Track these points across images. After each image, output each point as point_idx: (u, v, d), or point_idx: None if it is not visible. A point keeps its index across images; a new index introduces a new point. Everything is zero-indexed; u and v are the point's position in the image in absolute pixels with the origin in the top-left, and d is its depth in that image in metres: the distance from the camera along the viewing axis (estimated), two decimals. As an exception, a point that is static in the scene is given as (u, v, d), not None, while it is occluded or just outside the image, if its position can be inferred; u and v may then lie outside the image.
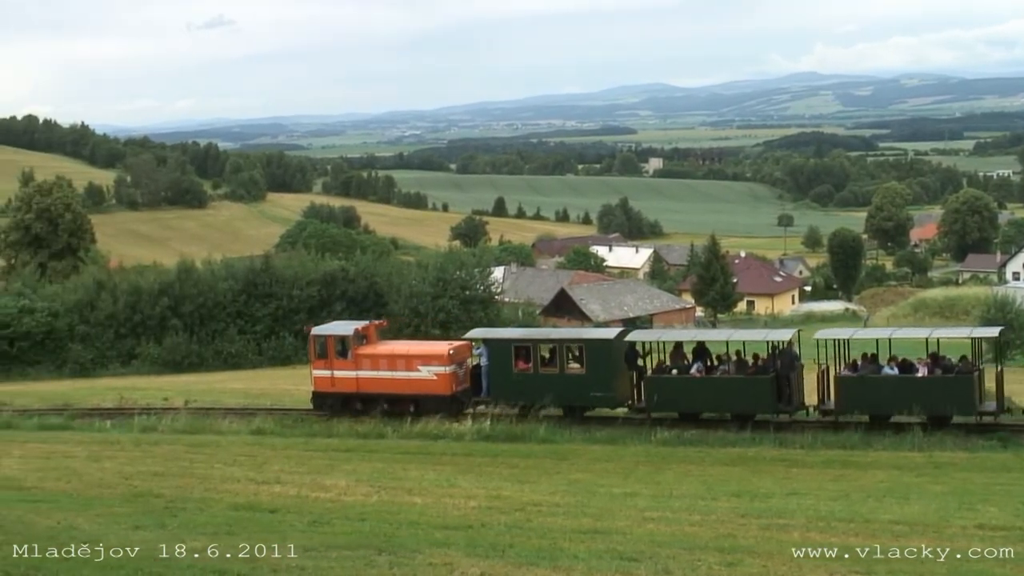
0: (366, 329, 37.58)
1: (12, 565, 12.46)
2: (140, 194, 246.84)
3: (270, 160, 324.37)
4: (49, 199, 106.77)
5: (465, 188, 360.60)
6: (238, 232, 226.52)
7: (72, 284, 70.82)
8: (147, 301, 66.20)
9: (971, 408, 30.23)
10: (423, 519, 18.35)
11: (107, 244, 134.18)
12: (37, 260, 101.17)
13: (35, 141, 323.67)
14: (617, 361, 33.84)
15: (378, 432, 31.91)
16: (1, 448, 28.39)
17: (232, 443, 30.50)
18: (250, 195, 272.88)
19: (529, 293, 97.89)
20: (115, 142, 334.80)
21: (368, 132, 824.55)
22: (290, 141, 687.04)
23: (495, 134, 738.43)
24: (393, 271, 72.27)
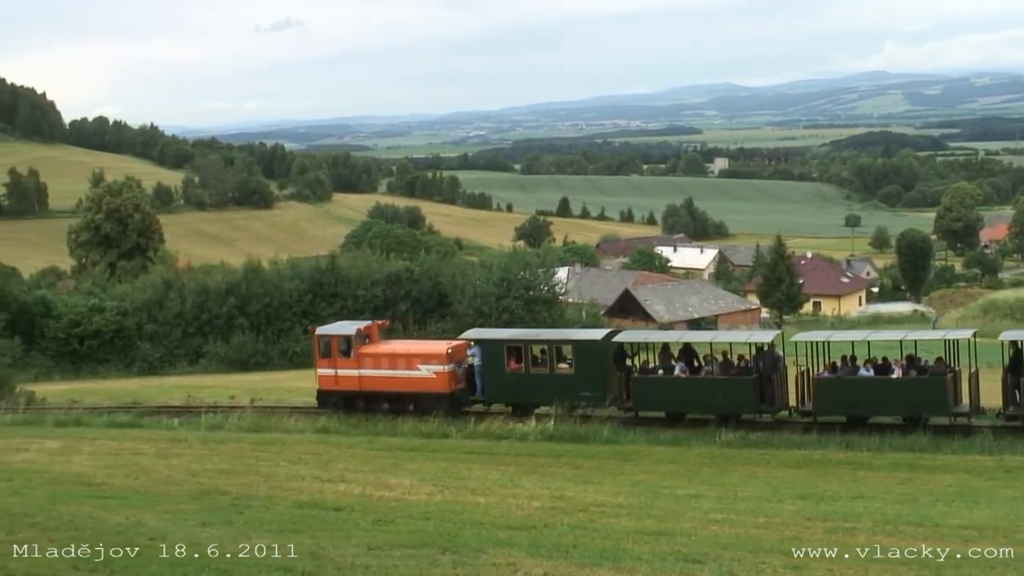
0: (368, 329, 38.43)
1: (81, 560, 12.62)
2: (208, 194, 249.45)
3: (336, 161, 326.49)
4: (119, 199, 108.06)
5: (529, 188, 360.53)
6: (304, 232, 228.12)
7: (141, 283, 71.62)
8: (214, 300, 66.83)
9: (945, 409, 30.44)
10: (486, 519, 18.34)
11: (175, 244, 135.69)
12: (107, 260, 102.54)
13: (106, 142, 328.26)
14: (605, 361, 34.43)
15: (442, 432, 31.96)
16: (72, 445, 28.76)
17: (297, 441, 30.68)
18: (316, 195, 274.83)
19: (593, 294, 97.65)
20: (184, 143, 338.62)
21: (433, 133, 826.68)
22: (356, 142, 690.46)
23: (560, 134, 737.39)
24: (457, 271, 72.40)
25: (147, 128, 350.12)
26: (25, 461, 25.48)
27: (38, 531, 14.83)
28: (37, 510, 17.09)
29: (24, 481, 21.70)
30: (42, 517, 16.25)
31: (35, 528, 15.06)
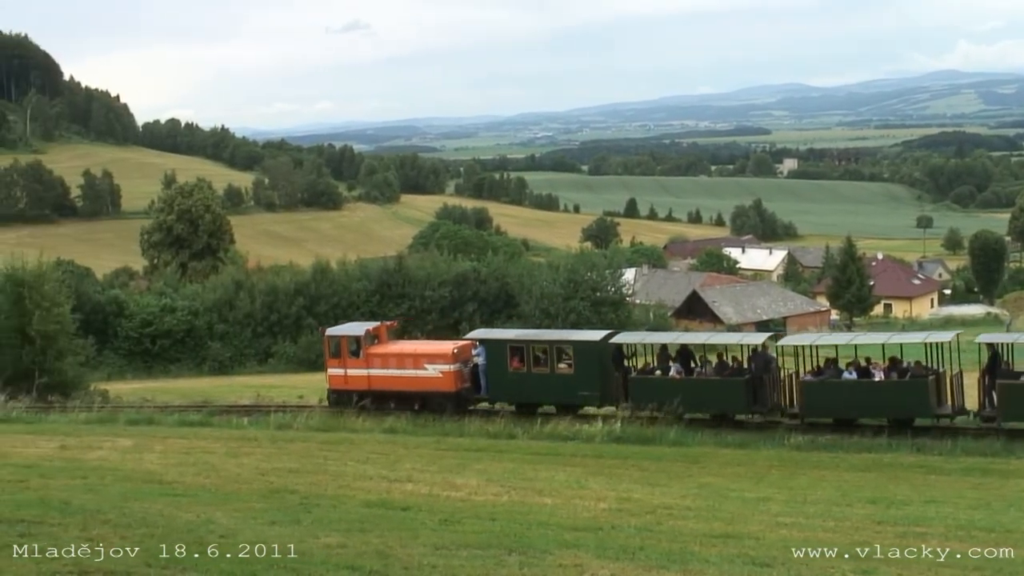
0: (377, 330, 39.35)
1: (152, 557, 12.78)
2: (277, 196, 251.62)
3: (404, 162, 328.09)
4: (190, 201, 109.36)
5: (597, 189, 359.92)
6: (372, 233, 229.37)
7: (211, 284, 72.44)
8: (283, 301, 67.46)
9: (926, 410, 30.96)
10: (553, 520, 18.32)
11: (245, 245, 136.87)
12: (178, 260, 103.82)
13: (178, 144, 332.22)
14: (604, 362, 35.09)
15: (508, 433, 32.00)
16: (143, 443, 29.12)
17: (365, 441, 30.84)
18: (384, 197, 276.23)
19: (661, 295, 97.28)
20: (254, 145, 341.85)
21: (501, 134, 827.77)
22: (424, 143, 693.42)
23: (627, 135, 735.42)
24: (524, 272, 72.50)
25: (218, 130, 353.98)
26: (98, 459, 25.83)
27: (111, 528, 15.03)
28: (110, 507, 17.32)
29: (98, 478, 22.00)
30: (115, 514, 16.46)
31: (108, 525, 15.27)
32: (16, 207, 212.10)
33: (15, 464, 24.02)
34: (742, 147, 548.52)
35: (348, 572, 12.81)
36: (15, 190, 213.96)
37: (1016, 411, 30.04)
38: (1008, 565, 15.22)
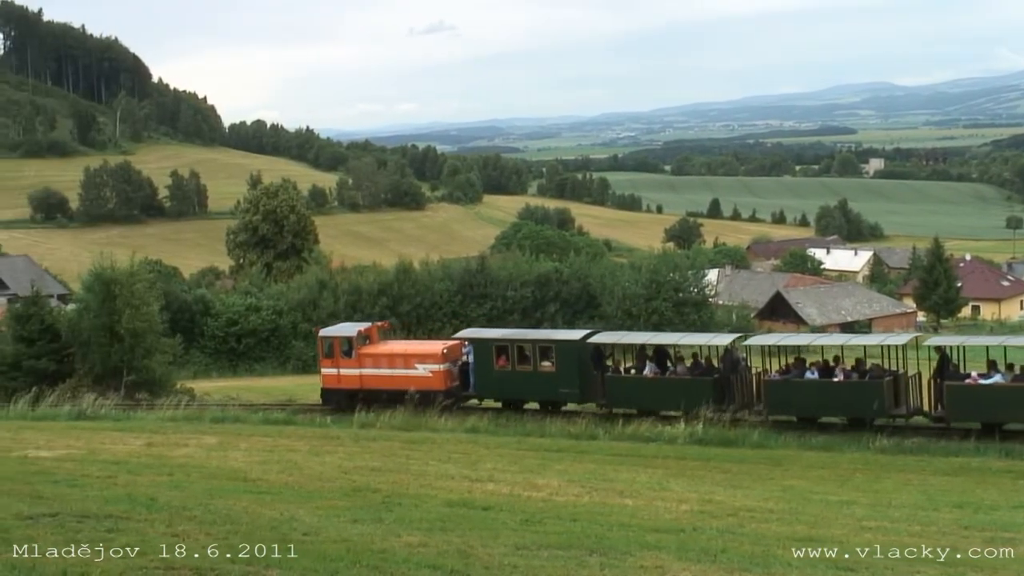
0: (369, 330, 40.49)
1: (236, 554, 12.90)
2: (361, 196, 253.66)
3: (486, 162, 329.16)
4: (275, 201, 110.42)
5: (679, 189, 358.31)
6: (454, 233, 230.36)
7: (296, 283, 73.11)
8: (367, 300, 67.91)
9: (881, 410, 31.90)
10: (634, 521, 18.22)
11: (329, 245, 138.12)
12: (263, 260, 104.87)
13: (263, 145, 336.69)
14: (584, 361, 36.41)
15: (590, 433, 31.94)
16: (228, 441, 29.45)
17: (447, 440, 30.92)
18: (467, 197, 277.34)
19: (744, 296, 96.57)
20: (338, 146, 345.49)
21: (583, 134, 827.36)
22: (506, 144, 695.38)
23: (711, 135, 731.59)
24: (606, 273, 72.31)
25: (303, 131, 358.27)
26: (184, 456, 26.17)
27: (196, 524, 15.20)
28: (195, 504, 17.52)
29: (183, 475, 22.28)
30: (200, 511, 16.65)
31: (193, 521, 15.45)
32: (106, 207, 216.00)
33: (104, 460, 24.41)
34: (827, 147, 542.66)
35: (429, 571, 12.83)
36: (105, 191, 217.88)
37: (962, 411, 31.22)
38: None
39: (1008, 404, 30.51)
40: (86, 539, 13.38)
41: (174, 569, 11.79)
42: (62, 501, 16.98)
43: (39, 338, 46.12)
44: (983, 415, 31.03)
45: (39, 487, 18.91)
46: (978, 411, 31.08)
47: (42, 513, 15.36)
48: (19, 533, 13.46)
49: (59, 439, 29.04)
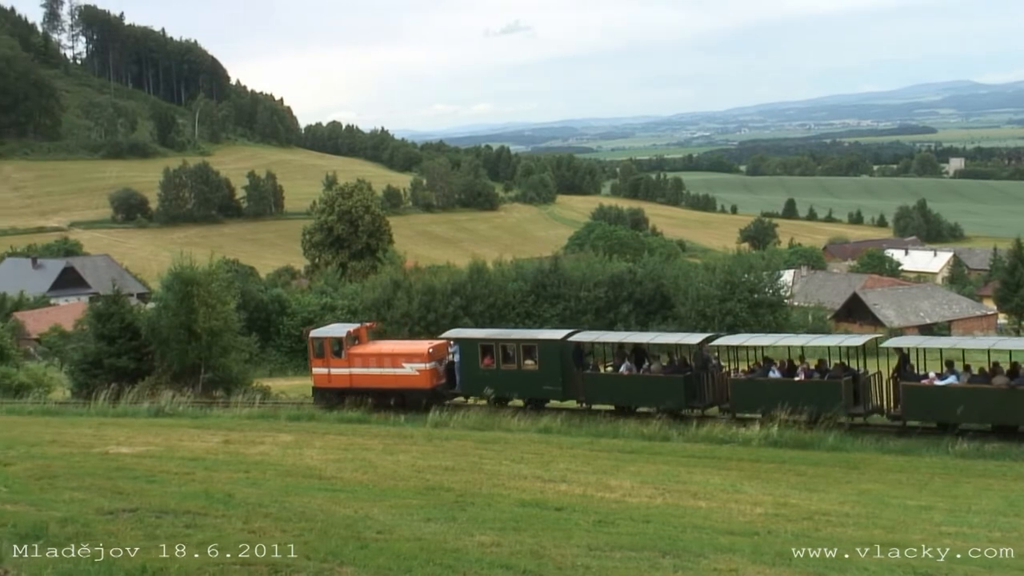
0: (358, 331, 41.53)
1: (312, 551, 13.02)
2: (435, 196, 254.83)
3: (560, 163, 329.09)
4: (350, 201, 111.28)
5: (755, 190, 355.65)
6: (528, 233, 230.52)
7: (370, 283, 73.50)
8: (440, 300, 68.05)
9: (839, 408, 32.76)
10: (708, 523, 18.13)
11: (403, 245, 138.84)
12: (338, 260, 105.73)
13: (339, 146, 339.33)
14: (566, 359, 37.58)
15: (663, 435, 31.81)
16: (304, 439, 29.72)
17: (520, 440, 30.96)
18: (540, 197, 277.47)
19: (820, 297, 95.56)
20: (412, 146, 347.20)
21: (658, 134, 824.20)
22: (580, 144, 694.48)
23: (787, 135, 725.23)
24: (680, 273, 71.86)
25: (378, 132, 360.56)
26: (260, 454, 26.45)
27: (271, 521, 15.36)
28: (271, 501, 17.70)
29: (260, 473, 22.52)
30: (275, 508, 16.82)
31: (269, 518, 15.61)
32: (184, 207, 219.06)
33: (182, 457, 24.75)
34: (906, 146, 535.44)
35: (502, 571, 12.86)
36: (184, 191, 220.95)
37: (916, 410, 32.27)
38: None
39: (960, 404, 31.28)
40: (165, 534, 13.59)
41: (250, 565, 11.92)
42: (141, 497, 17.24)
43: (119, 336, 46.87)
44: (937, 415, 32.09)
45: (119, 483, 19.22)
46: (932, 411, 32.15)
47: (122, 508, 15.61)
48: (100, 528, 13.69)
49: (139, 436, 29.51)
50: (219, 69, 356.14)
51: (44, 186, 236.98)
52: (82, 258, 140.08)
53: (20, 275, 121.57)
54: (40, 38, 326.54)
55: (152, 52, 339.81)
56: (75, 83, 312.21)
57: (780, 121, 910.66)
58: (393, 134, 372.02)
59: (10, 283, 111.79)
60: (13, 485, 18.11)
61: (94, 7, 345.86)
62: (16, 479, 19.09)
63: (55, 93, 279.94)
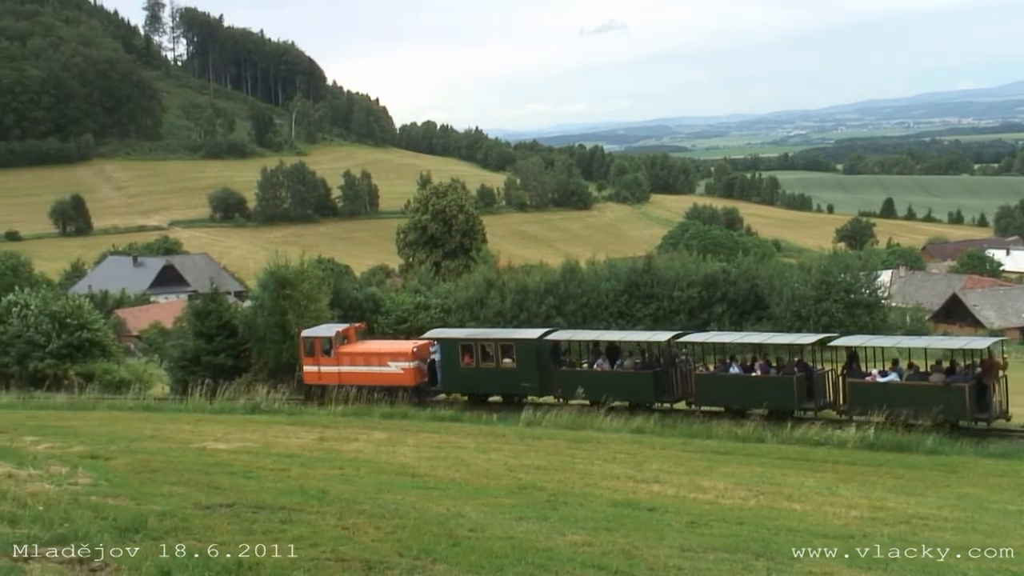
0: (346, 331, 43.72)
1: (404, 548, 13.09)
2: (528, 196, 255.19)
3: (654, 162, 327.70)
4: (444, 201, 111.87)
5: (851, 189, 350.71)
6: (621, 233, 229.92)
7: (464, 282, 73.79)
8: (533, 300, 68.10)
9: (792, 403, 34.86)
10: (802, 526, 17.93)
11: (496, 244, 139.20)
12: (432, 259, 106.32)
13: (433, 146, 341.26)
14: (543, 357, 39.65)
15: (757, 436, 31.56)
16: (397, 437, 29.93)
17: (612, 440, 30.89)
18: (633, 197, 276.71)
19: (918, 298, 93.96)
20: (506, 146, 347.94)
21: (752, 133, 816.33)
22: (674, 143, 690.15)
23: (884, 133, 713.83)
24: (775, 273, 71.10)
25: (472, 132, 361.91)
26: (354, 451, 26.67)
27: (365, 518, 15.46)
28: (365, 498, 17.83)
29: (353, 469, 22.70)
30: (369, 504, 16.93)
31: (363, 515, 15.71)
32: (281, 207, 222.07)
33: (278, 454, 25.06)
34: (1008, 145, 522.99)
35: (594, 571, 12.83)
36: (280, 191, 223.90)
37: (861, 405, 33.90)
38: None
39: (900, 400, 33.12)
40: (260, 529, 13.76)
41: (344, 561, 12.03)
42: (238, 492, 17.48)
43: (217, 334, 47.72)
44: (880, 409, 33.08)
45: (216, 478, 19.51)
46: (876, 405, 33.32)
47: (219, 503, 15.84)
48: (198, 522, 13.91)
49: (236, 432, 29.97)
50: (316, 70, 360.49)
51: (145, 186, 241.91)
52: (181, 257, 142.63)
53: (121, 273, 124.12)
54: (142, 40, 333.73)
55: (251, 53, 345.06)
56: (175, 84, 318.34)
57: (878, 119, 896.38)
58: (487, 133, 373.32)
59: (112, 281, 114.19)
60: (114, 479, 18.46)
61: (194, 10, 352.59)
62: (116, 473, 19.46)
63: (156, 94, 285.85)
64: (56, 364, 49.67)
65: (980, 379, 32.97)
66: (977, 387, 32.72)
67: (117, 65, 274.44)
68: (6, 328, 50.30)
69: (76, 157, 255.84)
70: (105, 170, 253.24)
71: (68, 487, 16.63)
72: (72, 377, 49.71)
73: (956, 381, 32.70)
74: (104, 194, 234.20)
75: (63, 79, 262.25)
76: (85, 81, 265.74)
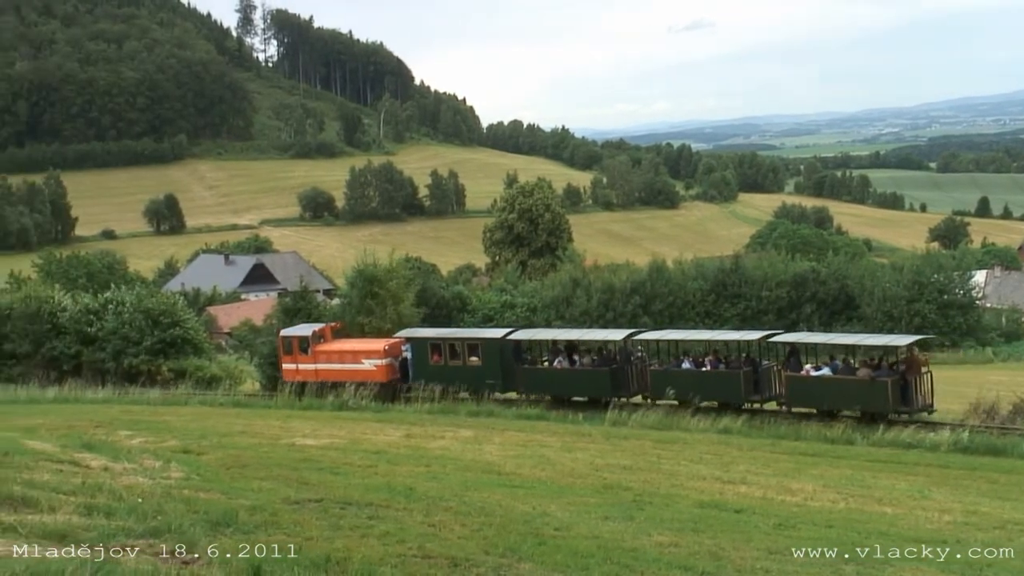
0: (323, 331, 45.06)
1: (490, 546, 13.12)
2: (615, 195, 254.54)
3: (742, 160, 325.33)
4: (531, 200, 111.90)
5: (945, 187, 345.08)
6: (708, 232, 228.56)
7: (550, 281, 73.85)
8: (619, 299, 67.95)
9: (738, 397, 36.64)
10: (893, 530, 17.66)
11: (583, 243, 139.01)
12: (518, 258, 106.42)
13: (520, 145, 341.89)
14: (507, 355, 41.56)
15: (847, 438, 31.13)
16: (483, 435, 29.99)
17: (699, 441, 30.68)
18: (721, 195, 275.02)
19: (1015, 299, 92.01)
20: (593, 144, 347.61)
21: (843, 131, 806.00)
22: (762, 141, 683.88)
23: (980, 130, 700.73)
24: (866, 273, 70.21)
25: (558, 131, 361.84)
26: (441, 448, 26.78)
27: (451, 515, 15.53)
28: (451, 495, 17.90)
29: (440, 467, 22.79)
30: (455, 502, 17.00)
31: (449, 512, 15.79)
32: (369, 206, 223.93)
33: (365, 450, 25.25)
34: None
35: (680, 572, 12.76)
36: (368, 190, 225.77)
37: (798, 397, 35.84)
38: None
39: (830, 393, 35.15)
40: (348, 525, 13.89)
41: (430, 558, 12.09)
42: (326, 488, 17.65)
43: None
44: (814, 402, 35.58)
45: (305, 474, 19.72)
46: (810, 398, 35.68)
47: (308, 499, 16.02)
48: (287, 517, 14.08)
49: (323, 428, 30.27)
50: (404, 70, 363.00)
51: (236, 185, 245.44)
52: (271, 255, 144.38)
53: (213, 271, 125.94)
54: (234, 42, 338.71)
55: (340, 54, 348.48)
56: (266, 85, 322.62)
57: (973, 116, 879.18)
58: (573, 132, 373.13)
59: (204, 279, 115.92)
60: (205, 474, 18.75)
61: (285, 11, 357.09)
62: (208, 468, 19.76)
63: (248, 95, 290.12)
64: (150, 360, 50.51)
65: (904, 375, 34.66)
66: (901, 382, 34.41)
67: (210, 67, 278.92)
68: (102, 325, 51.23)
69: (170, 157, 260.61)
70: (198, 170, 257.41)
71: (161, 481, 16.93)
72: (165, 373, 50.53)
73: (880, 376, 34.54)
74: (197, 193, 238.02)
75: (158, 80, 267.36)
76: (179, 82, 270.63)
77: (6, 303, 53.84)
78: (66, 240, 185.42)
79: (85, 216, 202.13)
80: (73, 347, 51.14)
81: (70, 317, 51.65)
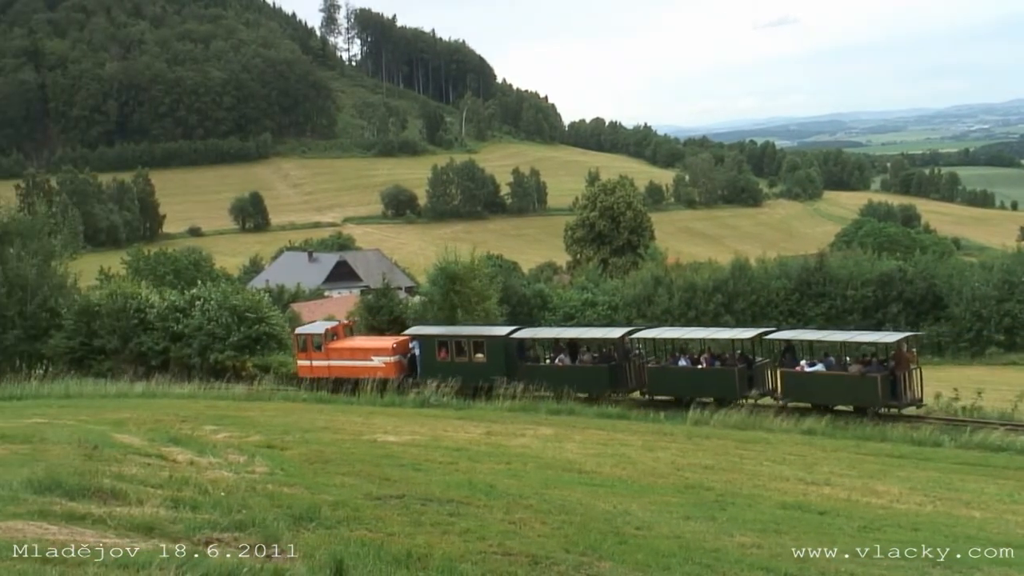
0: (336, 328, 47.01)
1: (571, 544, 13.09)
2: (697, 192, 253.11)
3: (827, 158, 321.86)
4: (612, 198, 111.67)
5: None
6: (792, 230, 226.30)
7: (631, 279, 73.64)
8: (701, 297, 67.59)
9: (733, 393, 37.58)
10: (981, 534, 17.33)
11: (665, 241, 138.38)
12: (599, 256, 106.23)
13: (601, 142, 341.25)
14: (511, 352, 42.81)
15: (934, 440, 30.68)
16: (563, 433, 29.98)
17: (782, 441, 30.41)
18: (806, 193, 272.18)
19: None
20: (675, 142, 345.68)
21: (932, 127, 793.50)
22: (848, 138, 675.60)
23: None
24: (954, 273, 69.09)
25: (640, 128, 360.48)
26: (521, 446, 26.80)
27: (532, 513, 15.52)
28: (531, 493, 17.89)
29: (520, 464, 22.80)
30: (535, 500, 16.99)
31: (529, 510, 15.77)
32: (451, 204, 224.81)
33: (446, 447, 25.34)
34: None
35: (763, 573, 12.64)
36: (450, 188, 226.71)
37: (792, 393, 37.32)
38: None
39: (823, 388, 36.76)
40: (429, 521, 13.93)
41: (511, 555, 12.08)
42: (408, 484, 17.73)
43: (388, 328, 48.69)
44: (808, 397, 37.15)
45: (387, 470, 19.82)
46: (804, 393, 37.25)
47: (389, 495, 16.09)
48: (369, 512, 14.15)
49: (405, 425, 30.44)
50: (486, 68, 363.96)
51: (320, 183, 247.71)
52: (354, 252, 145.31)
53: (297, 268, 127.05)
54: (318, 42, 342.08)
55: (422, 53, 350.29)
56: (349, 84, 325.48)
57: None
58: (656, 130, 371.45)
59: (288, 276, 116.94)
60: (289, 469, 18.93)
61: (368, 11, 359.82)
62: (292, 463, 19.95)
63: (331, 94, 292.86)
64: (235, 356, 51.08)
65: (893, 371, 35.95)
66: (891, 378, 35.71)
67: (294, 66, 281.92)
68: (188, 321, 51.94)
69: (255, 155, 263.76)
70: (282, 168, 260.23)
71: (245, 475, 17.12)
72: (250, 369, 51.10)
73: (871, 372, 35.85)
74: (281, 191, 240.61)
75: (243, 80, 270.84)
76: (264, 82, 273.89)
77: (95, 300, 54.75)
78: (154, 237, 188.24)
79: (172, 214, 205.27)
80: (160, 343, 51.87)
81: (157, 314, 52.40)
